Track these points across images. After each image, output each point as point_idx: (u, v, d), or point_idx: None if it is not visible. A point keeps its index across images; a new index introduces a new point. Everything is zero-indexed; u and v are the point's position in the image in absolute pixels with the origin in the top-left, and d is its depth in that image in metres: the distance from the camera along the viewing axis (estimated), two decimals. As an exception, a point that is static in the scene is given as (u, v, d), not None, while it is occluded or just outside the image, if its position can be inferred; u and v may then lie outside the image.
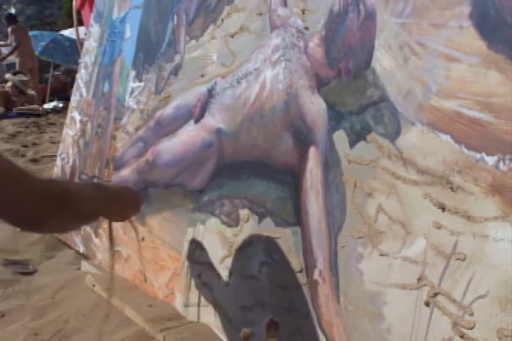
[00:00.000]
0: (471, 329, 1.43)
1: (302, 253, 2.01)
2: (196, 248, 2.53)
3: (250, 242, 2.24)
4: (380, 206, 1.73)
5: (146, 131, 3.11)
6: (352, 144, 1.87)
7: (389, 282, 1.67)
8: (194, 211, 2.58)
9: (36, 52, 14.29)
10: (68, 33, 16.70)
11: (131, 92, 3.41)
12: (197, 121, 2.65)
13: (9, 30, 13.05)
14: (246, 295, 2.23)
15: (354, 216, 1.82)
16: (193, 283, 2.52)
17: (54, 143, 7.25)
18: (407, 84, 1.71)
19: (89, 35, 4.35)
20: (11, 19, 13.43)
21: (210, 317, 2.39)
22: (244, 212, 2.28)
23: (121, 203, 1.99)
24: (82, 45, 5.24)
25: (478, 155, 1.49)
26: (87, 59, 4.24)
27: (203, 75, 2.73)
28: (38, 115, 10.85)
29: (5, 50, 14.17)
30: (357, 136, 1.85)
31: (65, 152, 4.17)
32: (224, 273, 2.34)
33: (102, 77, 3.91)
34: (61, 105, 11.86)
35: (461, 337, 1.45)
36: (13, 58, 13.60)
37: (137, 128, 3.21)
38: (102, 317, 2.62)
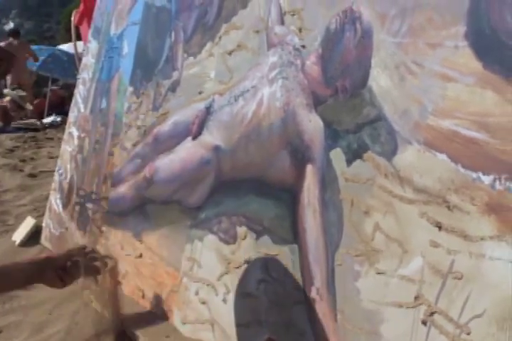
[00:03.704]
0: (468, 348, 1.44)
1: (300, 271, 2.01)
2: (194, 265, 2.53)
3: (248, 259, 2.24)
4: (377, 224, 1.74)
5: (144, 147, 3.11)
6: (349, 162, 1.88)
7: (386, 300, 1.67)
8: (192, 228, 2.58)
9: (34, 67, 14.30)
10: (66, 47, 16.71)
11: (129, 108, 3.42)
12: (195, 138, 2.66)
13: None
14: (244, 312, 2.22)
15: (351, 234, 1.82)
16: (190, 300, 2.52)
17: (52, 158, 7.25)
18: (403, 103, 1.72)
19: (87, 51, 4.37)
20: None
21: (207, 335, 2.38)
22: (241, 230, 2.29)
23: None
24: (80, 60, 5.25)
25: (474, 175, 1.50)
26: (85, 75, 4.25)
27: (200, 92, 2.74)
28: (36, 130, 10.85)
29: None
30: (354, 155, 1.86)
31: (63, 167, 4.17)
32: (222, 291, 2.34)
33: (99, 93, 3.91)
34: (59, 119, 11.84)
35: (459, 356, 1.45)
36: None
37: (135, 145, 3.22)
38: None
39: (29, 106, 12.15)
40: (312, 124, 2.04)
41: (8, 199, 5.48)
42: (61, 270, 2.10)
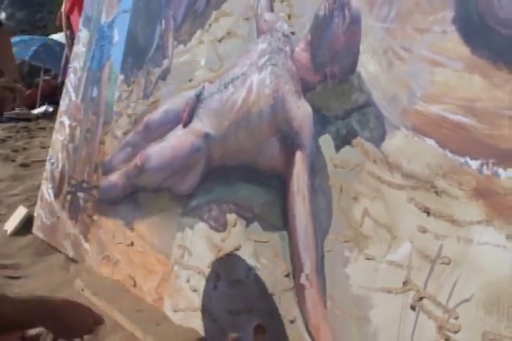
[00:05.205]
0: (456, 332, 1.44)
1: (289, 258, 2.01)
2: (185, 252, 2.53)
3: (238, 247, 2.24)
4: (365, 210, 1.73)
5: (135, 135, 3.11)
6: (338, 148, 1.87)
7: (375, 286, 1.67)
8: (183, 215, 2.58)
9: (27, 57, 14.25)
10: (58, 37, 16.63)
11: (120, 97, 3.41)
12: (185, 125, 2.65)
13: None
14: (234, 299, 2.22)
15: (340, 220, 1.82)
16: (181, 287, 2.52)
17: (44, 147, 7.22)
18: (392, 88, 1.72)
19: (78, 40, 4.35)
20: None
21: (198, 322, 2.38)
22: (231, 217, 2.29)
23: (63, 319, 1.71)
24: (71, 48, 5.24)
25: (462, 160, 1.50)
26: (76, 63, 4.23)
27: (191, 80, 2.73)
28: (29, 120, 10.80)
29: None
30: (342, 141, 1.86)
31: (55, 157, 4.16)
32: (212, 278, 2.34)
33: (90, 82, 3.90)
34: (51, 109, 11.80)
35: (447, 340, 1.45)
36: None
37: (126, 133, 3.21)
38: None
39: (23, 89, 12.10)
40: (301, 111, 2.04)
41: (1, 189, 5.47)
42: None
